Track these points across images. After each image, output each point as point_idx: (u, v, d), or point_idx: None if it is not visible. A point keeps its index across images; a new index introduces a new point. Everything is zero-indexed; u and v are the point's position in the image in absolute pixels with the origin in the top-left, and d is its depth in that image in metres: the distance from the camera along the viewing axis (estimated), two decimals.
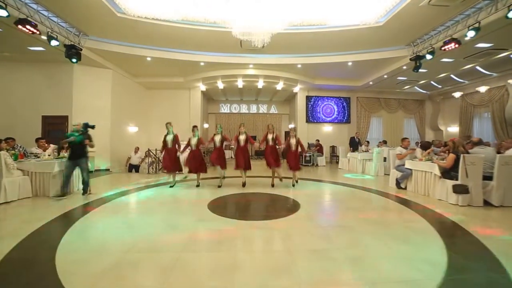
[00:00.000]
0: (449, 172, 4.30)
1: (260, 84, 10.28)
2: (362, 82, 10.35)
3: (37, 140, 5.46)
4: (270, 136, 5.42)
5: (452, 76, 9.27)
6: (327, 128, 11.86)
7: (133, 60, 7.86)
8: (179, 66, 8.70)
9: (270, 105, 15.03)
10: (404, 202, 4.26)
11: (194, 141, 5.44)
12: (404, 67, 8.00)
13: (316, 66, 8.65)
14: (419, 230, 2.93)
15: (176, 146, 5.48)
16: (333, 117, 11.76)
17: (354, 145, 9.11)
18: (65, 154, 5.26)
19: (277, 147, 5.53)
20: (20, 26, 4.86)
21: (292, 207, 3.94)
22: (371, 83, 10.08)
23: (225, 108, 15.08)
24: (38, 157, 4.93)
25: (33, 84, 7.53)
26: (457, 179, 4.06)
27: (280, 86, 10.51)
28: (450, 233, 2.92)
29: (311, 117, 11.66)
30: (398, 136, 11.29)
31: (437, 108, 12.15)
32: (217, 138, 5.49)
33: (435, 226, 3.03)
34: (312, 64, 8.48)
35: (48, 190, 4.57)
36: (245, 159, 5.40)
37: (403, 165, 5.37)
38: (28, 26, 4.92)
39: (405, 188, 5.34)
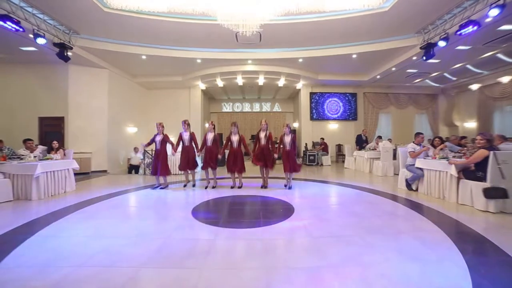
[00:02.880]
0: (473, 172, 3.74)
1: (261, 80, 9.88)
2: (369, 76, 9.74)
3: (24, 141, 5.29)
4: (262, 134, 5.03)
5: (468, 66, 8.50)
6: (333, 126, 11.30)
7: (128, 58, 7.66)
8: (175, 64, 8.45)
9: (274, 103, 14.59)
10: (415, 207, 3.75)
11: (186, 136, 5.15)
12: (414, 58, 7.37)
13: (319, 59, 8.15)
14: (433, 243, 2.42)
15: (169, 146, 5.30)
16: (338, 114, 11.19)
17: (361, 143, 8.53)
18: (51, 155, 5.07)
19: (278, 145, 5.15)
20: (0, 22, 4.69)
21: (284, 212, 3.53)
22: (378, 77, 9.44)
23: (227, 107, 14.77)
24: (22, 159, 4.75)
25: (29, 85, 7.48)
26: (483, 180, 3.50)
27: (281, 82, 10.08)
28: (476, 249, 2.35)
29: (316, 115, 11.14)
30: (408, 133, 10.59)
31: (451, 103, 11.32)
32: (210, 136, 5.15)
33: (455, 239, 2.49)
34: (314, 58, 7.99)
35: (30, 193, 4.37)
36: (238, 162, 5.03)
37: (414, 164, 4.84)
38: (9, 23, 4.75)
39: (416, 190, 4.82)
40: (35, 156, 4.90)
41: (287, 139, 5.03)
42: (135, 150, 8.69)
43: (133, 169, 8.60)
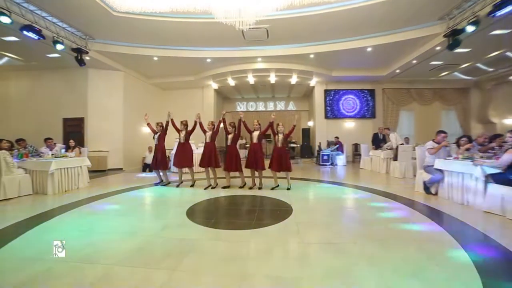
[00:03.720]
0: (504, 175, 3.24)
1: (272, 78, 9.71)
2: (387, 70, 9.08)
3: (45, 140, 5.72)
4: (255, 133, 4.90)
5: (508, 54, 7.46)
6: (349, 124, 10.75)
7: (141, 60, 7.95)
8: (186, 64, 8.59)
9: (288, 101, 14.31)
10: (431, 213, 3.35)
11: (182, 134, 5.21)
12: (438, 48, 6.69)
13: (331, 55, 7.77)
14: (444, 258, 2.07)
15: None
16: (355, 112, 10.61)
17: (378, 142, 7.98)
18: (66, 153, 5.41)
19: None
20: (25, 32, 5.10)
21: (281, 214, 3.35)
22: (398, 71, 8.77)
23: (241, 107, 14.77)
24: (41, 156, 5.12)
25: (54, 89, 8.10)
26: None
27: (294, 80, 9.82)
28: (506, 271, 1.95)
29: (331, 113, 10.68)
30: (434, 131, 9.63)
31: (487, 97, 10.14)
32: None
33: (475, 256, 2.06)
34: (326, 53, 7.63)
35: (46, 188, 4.68)
36: (234, 160, 4.94)
37: (433, 165, 4.37)
38: (31, 32, 5.14)
39: (436, 194, 4.34)
40: (52, 154, 5.27)
41: (280, 137, 4.84)
42: (149, 149, 9.00)
43: (147, 167, 8.93)
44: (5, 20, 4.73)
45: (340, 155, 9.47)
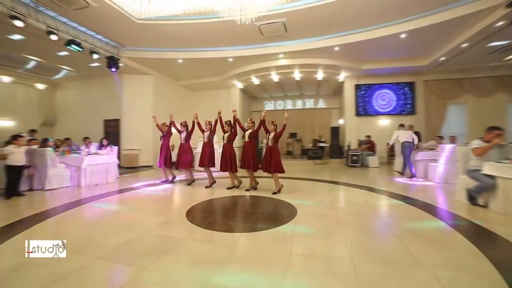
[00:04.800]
0: None
1: (297, 75, 9.31)
2: (429, 59, 7.87)
3: (84, 139, 6.46)
4: (247, 132, 4.69)
5: None
6: (384, 122, 9.69)
7: (167, 63, 8.41)
8: (209, 64, 8.78)
9: (317, 99, 13.62)
10: (471, 231, 2.67)
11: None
12: (499, 24, 5.38)
13: (358, 46, 7.06)
14: None
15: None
16: (390, 108, 9.50)
17: None
18: (98, 151, 6.02)
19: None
20: (68, 47, 5.84)
21: (282, 218, 3.13)
22: (443, 58, 7.51)
23: (269, 105, 14.60)
24: (79, 153, 5.78)
25: (97, 94, 9.15)
26: None
27: (320, 75, 9.26)
28: None
29: (362, 110, 9.78)
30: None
31: None
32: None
33: None
34: (352, 45, 6.96)
35: (80, 181, 5.27)
36: (228, 160, 4.83)
37: (480, 170, 3.57)
38: (73, 45, 5.85)
39: (485, 206, 3.52)
40: (87, 152, 5.91)
41: (271, 135, 4.52)
42: (172, 147, 9.50)
43: (172, 164, 9.46)
44: (54, 37, 5.48)
45: (372, 155, 8.60)
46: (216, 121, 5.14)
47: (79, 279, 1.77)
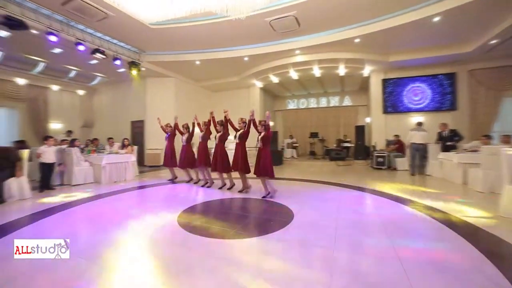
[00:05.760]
0: None
1: (316, 71, 8.83)
2: (475, 44, 6.67)
3: (107, 139, 7.02)
4: (238, 133, 4.51)
5: None
6: (416, 120, 8.57)
7: (185, 65, 8.68)
8: (226, 64, 8.81)
9: (343, 96, 12.79)
10: None
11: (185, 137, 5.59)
12: None
13: (382, 35, 6.34)
14: None
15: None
16: (425, 103, 8.38)
17: (445, 142, 6.06)
18: (118, 150, 6.47)
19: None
20: (93, 55, 6.39)
21: (272, 226, 2.91)
22: (494, 41, 6.26)
23: (292, 104, 14.19)
24: (101, 152, 6.29)
25: (125, 97, 9.90)
26: None
27: (342, 71, 8.63)
28: None
29: (391, 107, 8.84)
30: None
31: None
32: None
33: None
34: (375, 34, 6.28)
35: (100, 178, 5.73)
36: (219, 160, 4.78)
37: None
38: (98, 53, 6.38)
39: None
40: (108, 151, 6.40)
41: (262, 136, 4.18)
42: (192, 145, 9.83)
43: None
44: (81, 48, 6.05)
45: (401, 157, 7.71)
46: (210, 121, 5.14)
47: (47, 276, 1.85)
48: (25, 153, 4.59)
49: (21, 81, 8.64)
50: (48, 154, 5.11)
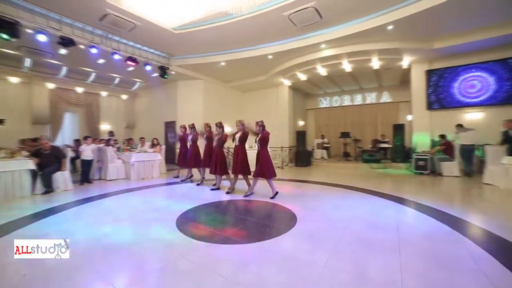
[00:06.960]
0: None
1: (346, 66, 8.16)
2: None
3: (140, 139, 7.66)
4: (237, 135, 4.42)
5: None
6: (471, 116, 7.20)
7: (212, 67, 8.88)
8: (251, 64, 8.69)
9: (381, 92, 11.58)
10: None
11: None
12: None
13: (420, 18, 5.45)
14: None
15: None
16: (485, 96, 6.94)
17: (510, 143, 4.84)
18: (146, 149, 6.99)
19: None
20: (126, 62, 7.04)
21: (268, 233, 2.74)
22: None
23: (324, 103, 13.45)
24: (132, 151, 6.88)
25: (160, 100, 10.70)
26: None
27: (375, 63, 7.79)
28: None
29: (436, 102, 7.61)
30: None
31: None
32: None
33: None
34: (412, 17, 5.42)
35: (130, 175, 6.28)
36: (218, 162, 4.77)
37: None
38: (129, 61, 7.01)
39: None
40: (139, 150, 6.96)
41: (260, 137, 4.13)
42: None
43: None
44: (116, 57, 6.72)
45: (449, 160, 6.56)
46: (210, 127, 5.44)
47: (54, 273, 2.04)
48: (69, 151, 5.31)
49: (79, 90, 10.10)
50: (87, 152, 5.81)
